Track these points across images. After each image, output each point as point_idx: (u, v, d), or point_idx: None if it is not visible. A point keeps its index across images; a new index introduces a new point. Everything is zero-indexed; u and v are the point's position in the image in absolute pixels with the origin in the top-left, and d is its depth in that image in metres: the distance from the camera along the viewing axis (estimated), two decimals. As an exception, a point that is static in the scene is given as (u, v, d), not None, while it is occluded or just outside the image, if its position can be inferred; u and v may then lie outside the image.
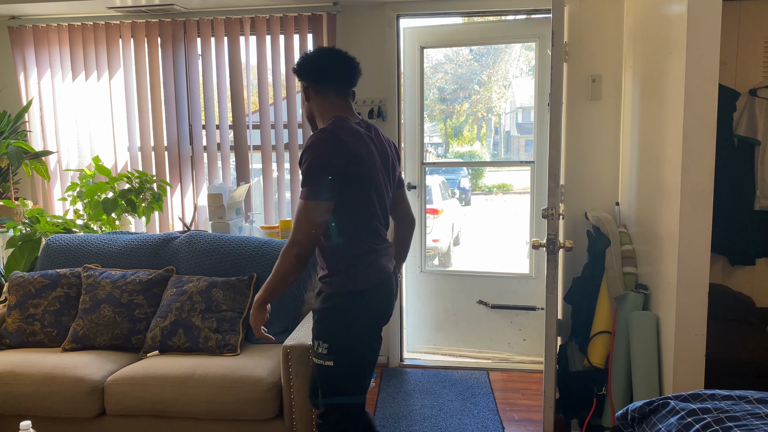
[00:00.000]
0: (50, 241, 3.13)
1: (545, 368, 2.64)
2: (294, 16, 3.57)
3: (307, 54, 1.95)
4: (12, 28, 3.79)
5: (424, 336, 3.92)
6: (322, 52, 1.95)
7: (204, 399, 2.40)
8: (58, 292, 2.87)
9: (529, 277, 3.78)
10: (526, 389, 3.44)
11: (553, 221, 2.47)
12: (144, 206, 3.49)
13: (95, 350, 2.74)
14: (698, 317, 2.24)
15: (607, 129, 3.36)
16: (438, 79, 4.58)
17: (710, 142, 2.16)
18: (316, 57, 1.93)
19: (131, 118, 3.81)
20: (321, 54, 1.95)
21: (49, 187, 3.90)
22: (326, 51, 1.96)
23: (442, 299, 3.86)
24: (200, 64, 3.76)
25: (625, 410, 1.91)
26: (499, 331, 3.81)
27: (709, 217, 2.19)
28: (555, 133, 2.44)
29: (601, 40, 3.32)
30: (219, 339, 2.66)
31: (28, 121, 3.86)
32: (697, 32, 2.13)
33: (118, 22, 3.73)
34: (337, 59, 1.93)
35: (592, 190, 3.41)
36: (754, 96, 3.08)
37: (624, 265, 2.81)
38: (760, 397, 1.74)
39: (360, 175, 1.83)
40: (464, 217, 8.09)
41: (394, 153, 2.07)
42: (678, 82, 2.23)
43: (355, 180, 1.82)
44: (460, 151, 6.46)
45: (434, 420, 3.05)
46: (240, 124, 3.71)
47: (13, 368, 2.53)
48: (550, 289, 2.52)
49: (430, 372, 3.69)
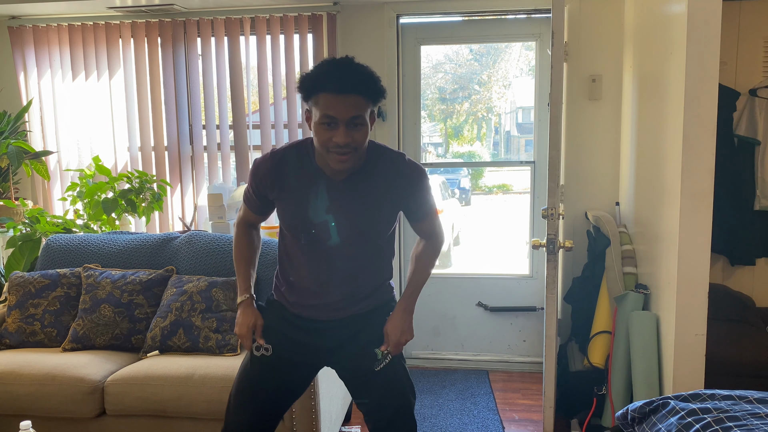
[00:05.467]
0: (50, 241, 3.13)
1: (545, 368, 2.64)
2: (294, 16, 3.57)
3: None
4: (12, 28, 3.79)
5: (421, 342, 3.89)
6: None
7: (204, 399, 2.40)
8: (58, 292, 2.87)
9: (528, 277, 3.77)
10: (526, 389, 3.44)
11: (553, 221, 2.47)
12: (144, 206, 3.49)
13: (95, 350, 2.74)
14: (698, 317, 2.24)
15: (607, 129, 3.36)
16: (438, 79, 4.58)
17: (710, 142, 2.16)
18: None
19: (131, 118, 3.81)
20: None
21: (49, 187, 3.90)
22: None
23: (440, 304, 3.84)
24: (200, 64, 3.76)
25: (625, 410, 1.91)
26: (498, 333, 3.81)
27: (709, 217, 2.19)
28: (555, 133, 2.44)
29: (601, 40, 3.32)
30: (219, 339, 2.66)
31: (28, 121, 3.86)
32: (697, 32, 2.13)
33: (118, 22, 3.73)
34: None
35: (592, 190, 3.41)
36: (754, 96, 3.08)
37: (624, 265, 2.81)
38: (760, 397, 1.74)
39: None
40: (464, 217, 8.08)
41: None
42: (678, 82, 2.23)
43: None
44: (460, 151, 6.46)
45: (434, 420, 3.05)
46: (240, 124, 3.71)
47: (13, 368, 2.53)
48: (550, 289, 2.52)
49: (430, 372, 3.69)
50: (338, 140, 1.61)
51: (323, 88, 1.60)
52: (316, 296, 1.85)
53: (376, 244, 1.85)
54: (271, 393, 1.89)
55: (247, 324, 1.86)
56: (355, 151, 1.65)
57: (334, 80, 1.60)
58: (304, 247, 1.81)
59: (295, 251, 1.84)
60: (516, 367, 3.74)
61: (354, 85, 1.61)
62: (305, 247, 1.81)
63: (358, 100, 1.61)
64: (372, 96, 1.65)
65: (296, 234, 1.80)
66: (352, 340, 1.88)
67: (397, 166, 1.77)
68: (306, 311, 1.87)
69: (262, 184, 1.80)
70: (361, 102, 1.62)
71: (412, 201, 1.82)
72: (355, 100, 1.61)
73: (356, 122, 1.62)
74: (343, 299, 1.85)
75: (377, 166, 1.76)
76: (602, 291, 2.86)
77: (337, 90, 1.59)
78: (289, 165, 1.77)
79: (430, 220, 1.88)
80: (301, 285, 1.86)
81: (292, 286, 1.87)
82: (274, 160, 1.78)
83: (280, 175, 1.77)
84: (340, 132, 1.61)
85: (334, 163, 1.66)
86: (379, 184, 1.76)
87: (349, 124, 1.61)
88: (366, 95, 1.63)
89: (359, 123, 1.63)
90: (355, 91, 1.61)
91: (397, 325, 1.88)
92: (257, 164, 1.81)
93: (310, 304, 1.86)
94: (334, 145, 1.62)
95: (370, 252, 1.85)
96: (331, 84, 1.60)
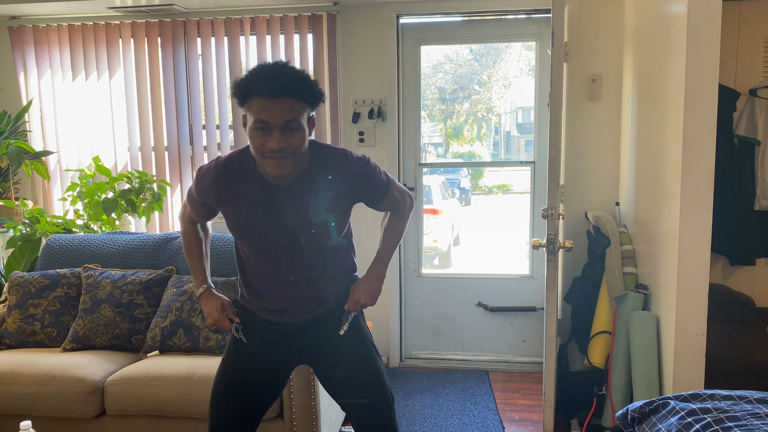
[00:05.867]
0: (50, 241, 3.13)
1: (545, 368, 2.64)
2: (294, 16, 3.58)
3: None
4: (12, 28, 3.79)
5: (421, 342, 3.89)
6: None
7: (204, 399, 2.38)
8: (58, 292, 2.87)
9: (528, 277, 3.77)
10: (526, 389, 3.44)
11: (553, 221, 2.47)
12: (144, 206, 3.49)
13: (95, 350, 2.74)
14: (698, 317, 2.24)
15: (607, 129, 3.36)
16: (438, 79, 4.58)
17: (710, 142, 2.16)
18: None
19: (131, 118, 3.81)
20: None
21: (49, 187, 3.90)
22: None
23: (440, 304, 3.84)
24: (200, 64, 3.76)
25: (625, 410, 1.91)
26: (499, 334, 3.81)
27: (709, 217, 2.19)
28: (555, 133, 2.44)
29: (601, 40, 3.32)
30: (219, 339, 2.66)
31: (28, 121, 3.86)
32: (697, 32, 2.13)
33: (118, 22, 3.73)
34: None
35: (592, 190, 3.41)
36: (754, 96, 3.08)
37: (624, 265, 2.81)
38: (760, 397, 1.74)
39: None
40: (464, 218, 8.08)
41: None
42: (678, 82, 2.23)
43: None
44: (460, 151, 6.46)
45: (434, 420, 3.05)
46: (240, 124, 3.71)
47: (13, 368, 2.53)
48: (550, 289, 2.52)
49: (430, 372, 3.69)
50: (272, 145, 1.56)
51: (256, 92, 1.56)
52: (280, 301, 1.82)
53: (334, 241, 1.81)
54: (250, 389, 1.87)
55: (215, 307, 1.86)
56: (292, 155, 1.61)
57: (266, 84, 1.55)
58: (258, 253, 1.79)
59: (250, 258, 1.82)
60: (516, 367, 3.74)
61: (286, 88, 1.56)
62: (260, 253, 1.78)
63: (292, 103, 1.56)
64: (307, 98, 1.60)
65: (248, 242, 1.78)
66: (324, 334, 1.87)
67: (343, 165, 1.74)
68: (274, 316, 1.84)
69: (206, 195, 1.77)
70: (296, 105, 1.57)
71: (368, 191, 1.80)
72: (289, 103, 1.56)
73: (291, 126, 1.58)
74: (309, 301, 1.82)
75: (322, 168, 1.72)
76: (602, 291, 2.86)
77: (269, 93, 1.55)
78: (231, 175, 1.73)
79: (390, 196, 1.86)
80: (263, 291, 1.84)
81: (254, 292, 1.85)
82: (217, 171, 1.73)
83: (223, 186, 1.73)
84: (275, 137, 1.56)
85: (270, 169, 1.62)
86: (329, 184, 1.73)
87: (283, 129, 1.57)
88: (300, 98, 1.58)
89: (294, 127, 1.58)
90: (287, 93, 1.56)
91: (361, 286, 1.88)
92: (201, 174, 1.77)
93: (276, 309, 1.83)
94: (268, 150, 1.58)
95: (328, 251, 1.82)
96: (263, 87, 1.55)
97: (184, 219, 1.94)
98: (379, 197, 1.84)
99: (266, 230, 1.73)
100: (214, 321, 1.87)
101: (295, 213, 1.72)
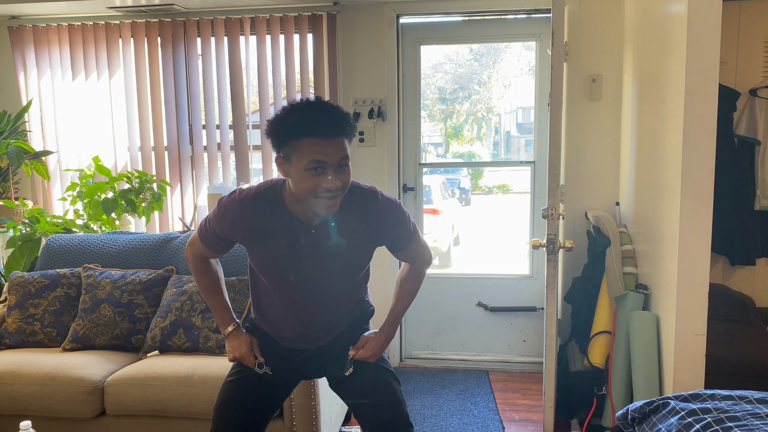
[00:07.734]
0: (50, 241, 3.13)
1: (545, 368, 2.64)
2: (294, 16, 3.57)
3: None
4: (12, 28, 3.79)
5: (421, 342, 3.89)
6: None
7: (204, 399, 2.40)
8: (58, 292, 2.87)
9: (529, 277, 3.77)
10: (526, 389, 3.44)
11: (552, 221, 2.47)
12: (144, 206, 3.49)
13: (95, 350, 2.74)
14: (698, 317, 2.24)
15: (607, 129, 3.36)
16: (438, 79, 4.58)
17: (710, 142, 2.16)
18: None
19: (131, 118, 3.81)
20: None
21: (49, 187, 3.90)
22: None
23: (440, 304, 3.84)
24: (200, 64, 3.76)
25: (626, 410, 1.91)
26: (499, 333, 3.81)
27: (709, 217, 2.19)
28: (555, 133, 2.44)
29: (601, 40, 3.32)
30: (219, 339, 2.66)
31: (28, 121, 3.86)
32: (697, 32, 2.13)
33: (118, 22, 3.73)
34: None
35: (592, 190, 3.41)
36: (754, 96, 3.08)
37: (624, 265, 2.81)
38: (760, 397, 1.74)
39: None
40: (464, 218, 8.08)
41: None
42: (678, 82, 2.23)
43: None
44: (460, 151, 6.46)
45: (434, 420, 3.05)
46: (240, 124, 3.71)
47: (13, 368, 2.53)
48: (550, 289, 2.52)
49: (430, 372, 3.69)
50: (330, 185, 1.56)
51: (310, 133, 1.54)
52: (296, 332, 1.84)
53: (355, 280, 1.84)
54: (256, 406, 1.86)
55: (246, 343, 1.85)
56: (343, 193, 1.62)
57: (321, 125, 1.55)
58: (278, 287, 1.78)
59: (268, 289, 1.82)
60: (516, 367, 3.74)
61: (341, 128, 1.57)
62: (280, 287, 1.78)
63: (344, 142, 1.59)
64: (351, 135, 1.62)
65: (270, 277, 1.78)
66: (332, 352, 1.90)
67: (371, 206, 1.73)
68: (287, 343, 1.88)
69: (229, 231, 1.75)
70: (346, 144, 1.59)
71: (393, 236, 1.79)
72: (343, 142, 1.58)
73: (343, 163, 1.59)
74: (321, 329, 1.86)
75: (351, 207, 1.70)
76: (602, 291, 2.86)
77: (325, 135, 1.55)
78: (260, 213, 1.71)
79: (413, 245, 1.85)
80: (275, 319, 1.85)
81: (266, 318, 1.87)
82: (244, 208, 1.71)
83: (250, 224, 1.71)
84: (331, 176, 1.56)
85: (322, 209, 1.61)
86: (356, 225, 1.72)
87: (337, 168, 1.58)
88: (349, 137, 1.61)
89: (346, 164, 1.60)
90: (342, 134, 1.58)
91: (372, 342, 1.87)
92: (225, 208, 1.74)
93: (290, 338, 1.87)
94: (323, 190, 1.57)
95: (348, 287, 1.84)
96: (318, 128, 1.54)
97: (195, 259, 1.89)
98: (403, 244, 1.83)
99: (292, 267, 1.74)
100: (240, 356, 1.85)
101: (324, 252, 1.72)
